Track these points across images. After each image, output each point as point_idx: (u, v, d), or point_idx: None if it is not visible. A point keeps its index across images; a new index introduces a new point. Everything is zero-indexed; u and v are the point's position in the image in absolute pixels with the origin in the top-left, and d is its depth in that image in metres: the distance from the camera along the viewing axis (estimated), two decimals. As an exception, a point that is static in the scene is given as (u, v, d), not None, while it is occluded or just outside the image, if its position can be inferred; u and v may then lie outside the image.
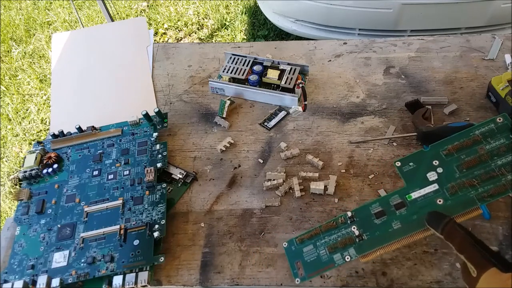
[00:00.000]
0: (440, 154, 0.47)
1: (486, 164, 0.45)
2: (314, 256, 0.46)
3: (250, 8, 2.01)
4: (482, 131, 0.47)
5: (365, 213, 0.46)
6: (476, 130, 0.47)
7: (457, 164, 0.46)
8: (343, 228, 0.46)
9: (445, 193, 0.44)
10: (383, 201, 0.46)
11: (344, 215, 0.46)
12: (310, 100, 0.70)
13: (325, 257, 0.45)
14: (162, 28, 2.03)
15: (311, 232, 0.47)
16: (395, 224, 0.44)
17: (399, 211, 0.45)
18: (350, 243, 0.45)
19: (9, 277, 0.52)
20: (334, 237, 0.46)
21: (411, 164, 0.47)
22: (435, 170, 0.46)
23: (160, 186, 0.58)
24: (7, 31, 2.10)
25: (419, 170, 0.47)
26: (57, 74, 0.80)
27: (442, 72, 0.72)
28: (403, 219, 0.45)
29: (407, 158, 0.48)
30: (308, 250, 0.46)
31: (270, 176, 0.60)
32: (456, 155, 0.46)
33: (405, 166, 0.48)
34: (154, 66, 0.79)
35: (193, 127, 0.68)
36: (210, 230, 0.56)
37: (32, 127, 1.70)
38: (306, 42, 0.80)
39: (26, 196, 0.60)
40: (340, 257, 0.44)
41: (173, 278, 0.52)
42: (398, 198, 0.46)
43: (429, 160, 0.47)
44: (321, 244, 0.46)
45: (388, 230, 0.44)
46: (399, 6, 1.29)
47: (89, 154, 0.64)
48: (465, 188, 0.44)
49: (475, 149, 0.46)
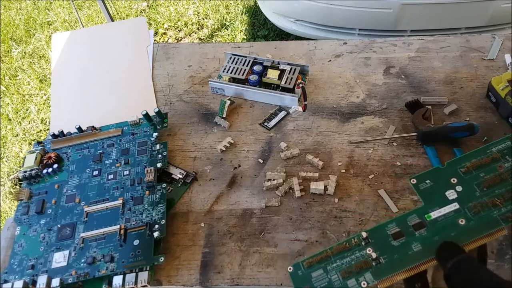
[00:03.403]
0: (458, 171, 0.45)
1: (507, 183, 0.43)
2: (325, 282, 0.41)
3: (250, 8, 2.01)
4: (499, 149, 0.46)
5: (381, 233, 0.43)
6: (493, 148, 0.46)
7: (477, 182, 0.44)
8: (358, 251, 0.42)
9: (467, 212, 0.43)
10: (400, 220, 0.44)
11: (358, 235, 0.43)
12: (310, 100, 0.70)
13: (338, 283, 0.41)
14: (162, 28, 2.03)
15: (320, 255, 0.43)
16: (415, 246, 0.42)
17: (418, 231, 0.42)
18: (366, 267, 0.41)
19: (9, 277, 0.52)
20: (347, 260, 0.42)
21: (427, 181, 0.45)
22: (454, 189, 0.44)
23: (160, 186, 0.58)
24: (7, 31, 2.10)
25: (437, 188, 0.45)
26: (57, 74, 0.80)
27: (442, 72, 0.72)
28: (423, 241, 0.42)
29: (423, 176, 0.46)
30: (318, 275, 0.42)
31: (270, 176, 0.60)
32: (474, 173, 0.45)
33: (421, 183, 0.46)
34: (154, 66, 0.79)
35: (193, 127, 0.68)
36: (210, 230, 0.56)
37: (32, 127, 1.70)
38: (306, 42, 0.80)
39: (26, 196, 0.60)
40: (355, 283, 0.40)
41: (173, 278, 0.52)
42: (416, 218, 0.43)
43: (446, 177, 0.45)
44: (333, 268, 0.42)
45: (408, 253, 0.41)
46: (399, 6, 1.29)
47: (89, 154, 0.64)
48: (487, 207, 0.42)
49: (494, 167, 0.45)
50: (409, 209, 0.55)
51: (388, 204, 0.56)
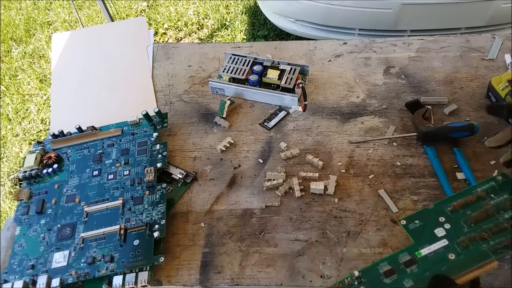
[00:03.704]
0: (445, 211, 0.48)
1: (493, 218, 0.45)
2: None
3: (250, 8, 2.01)
4: (483, 189, 0.48)
5: (373, 273, 0.45)
6: (478, 188, 0.49)
7: (464, 219, 0.47)
8: None
9: (456, 248, 0.44)
10: (391, 259, 0.45)
11: (351, 276, 0.45)
12: (310, 100, 0.70)
13: None
14: (162, 28, 2.03)
15: None
16: (407, 283, 0.43)
17: (409, 268, 0.44)
18: None
19: (9, 277, 0.52)
20: None
21: (416, 222, 0.48)
22: (442, 226, 0.47)
23: (160, 186, 0.58)
24: (7, 31, 2.10)
25: (426, 227, 0.47)
26: (57, 74, 0.80)
27: (442, 72, 0.72)
28: (415, 277, 0.43)
29: (412, 217, 0.48)
30: None
31: (270, 176, 0.60)
32: (461, 211, 0.47)
33: (410, 224, 0.48)
34: (154, 66, 0.79)
35: (193, 127, 0.68)
36: (210, 230, 0.56)
37: (32, 127, 1.70)
38: (306, 42, 0.80)
39: (26, 196, 0.60)
40: None
41: (173, 278, 0.52)
42: (407, 256, 0.45)
43: (434, 217, 0.48)
44: None
45: None
46: (399, 6, 1.29)
47: (89, 154, 0.64)
48: (476, 241, 0.44)
49: (479, 205, 0.47)
50: (409, 209, 0.55)
51: (388, 204, 0.56)
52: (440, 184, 0.57)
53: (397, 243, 0.52)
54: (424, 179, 0.58)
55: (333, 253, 0.53)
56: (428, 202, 0.56)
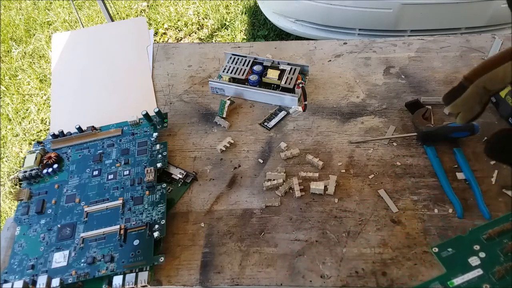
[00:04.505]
0: (480, 238, 0.47)
1: None
2: None
3: (250, 8, 2.02)
4: None
5: None
6: None
7: (500, 248, 0.45)
8: None
9: (491, 278, 0.43)
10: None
11: None
12: (310, 100, 0.70)
13: None
14: (162, 28, 2.03)
15: None
16: None
17: None
18: None
19: (9, 277, 0.52)
20: None
21: (449, 249, 0.47)
22: (477, 255, 0.45)
23: (160, 186, 0.58)
24: (7, 31, 2.10)
25: (459, 255, 0.46)
26: (57, 74, 0.80)
27: (442, 72, 0.72)
28: None
29: (445, 244, 0.47)
30: None
31: (270, 176, 0.60)
32: (497, 239, 0.46)
33: (443, 251, 0.47)
34: (154, 66, 0.79)
35: (193, 127, 0.68)
36: (210, 230, 0.56)
37: (32, 127, 1.70)
38: (306, 42, 0.80)
39: (26, 196, 0.60)
40: None
41: (173, 278, 0.52)
42: (439, 285, 0.44)
43: (468, 245, 0.46)
44: None
45: None
46: (399, 6, 1.29)
47: (89, 154, 0.64)
48: None
49: None
50: (409, 209, 0.55)
51: (388, 204, 0.56)
52: (440, 184, 0.57)
53: (397, 243, 0.52)
54: (424, 179, 0.58)
55: (333, 253, 0.53)
56: (428, 202, 0.56)
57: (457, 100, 0.37)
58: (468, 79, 0.36)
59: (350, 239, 0.53)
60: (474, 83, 0.35)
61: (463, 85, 0.36)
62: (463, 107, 0.37)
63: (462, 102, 0.37)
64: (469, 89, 0.36)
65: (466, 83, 0.36)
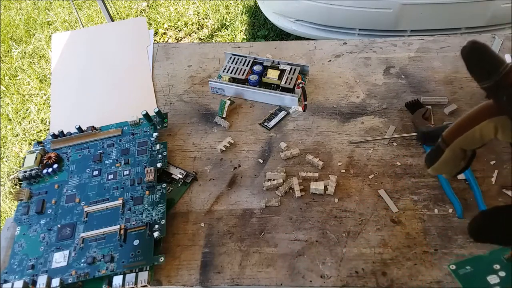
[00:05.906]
0: (501, 258, 0.46)
1: None
2: None
3: (250, 8, 2.02)
4: None
5: None
6: None
7: None
8: None
9: None
10: None
11: None
12: (310, 100, 0.70)
13: None
14: (162, 28, 2.03)
15: None
16: None
17: None
18: None
19: (9, 277, 0.52)
20: None
21: (467, 267, 0.46)
22: (496, 274, 0.45)
23: (160, 186, 0.58)
24: (7, 31, 2.10)
25: (478, 274, 0.45)
26: (57, 74, 0.80)
27: (442, 72, 0.72)
28: None
29: (463, 262, 0.46)
30: None
31: (270, 176, 0.60)
32: None
33: (461, 269, 0.46)
34: (154, 66, 0.79)
35: (193, 127, 0.68)
36: (210, 230, 0.56)
37: (32, 127, 1.70)
38: (306, 42, 0.80)
39: (26, 196, 0.60)
40: None
41: (173, 278, 0.52)
42: None
43: (488, 264, 0.46)
44: None
45: None
46: (399, 6, 1.29)
47: (89, 154, 0.64)
48: None
49: None
50: (409, 209, 0.55)
51: (388, 204, 0.56)
52: (440, 184, 0.57)
53: (397, 243, 0.52)
54: (424, 179, 0.58)
55: (333, 253, 0.53)
56: (428, 202, 0.56)
57: (436, 164, 0.36)
58: (445, 141, 0.35)
59: (350, 239, 0.53)
60: (450, 147, 0.34)
61: (440, 147, 0.35)
62: (445, 169, 0.37)
63: (442, 166, 0.36)
64: (445, 152, 0.35)
65: (443, 146, 0.35)
